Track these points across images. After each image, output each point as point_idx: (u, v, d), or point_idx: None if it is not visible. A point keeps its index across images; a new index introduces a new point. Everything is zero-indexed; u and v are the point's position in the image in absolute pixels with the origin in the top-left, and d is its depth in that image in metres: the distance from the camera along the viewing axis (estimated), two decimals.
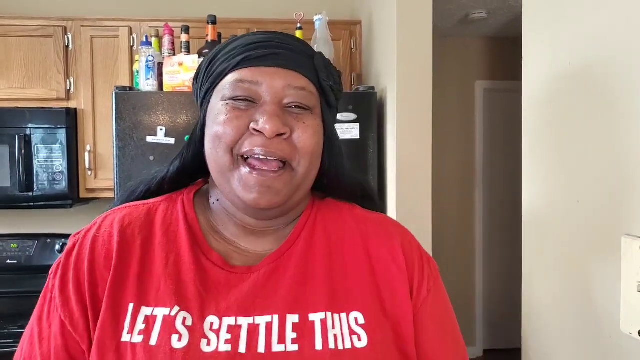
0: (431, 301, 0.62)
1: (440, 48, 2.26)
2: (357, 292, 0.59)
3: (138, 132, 1.73)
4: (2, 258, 2.29)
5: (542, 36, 0.92)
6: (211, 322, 0.54)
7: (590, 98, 0.78)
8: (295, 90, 0.57)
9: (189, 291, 0.56)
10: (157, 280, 0.56)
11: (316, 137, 0.59)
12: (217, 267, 0.58)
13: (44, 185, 2.07)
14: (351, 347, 0.55)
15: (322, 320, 0.56)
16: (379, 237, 0.63)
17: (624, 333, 0.70)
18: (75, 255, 0.58)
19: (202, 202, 0.65)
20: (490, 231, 3.47)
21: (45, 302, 0.57)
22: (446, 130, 3.26)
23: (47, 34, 2.11)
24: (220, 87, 0.59)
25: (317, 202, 0.66)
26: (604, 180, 0.75)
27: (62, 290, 0.56)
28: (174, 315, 0.54)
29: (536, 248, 0.95)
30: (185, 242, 0.59)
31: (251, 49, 0.58)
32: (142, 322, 0.54)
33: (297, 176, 0.58)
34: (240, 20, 2.19)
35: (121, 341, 0.53)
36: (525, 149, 0.98)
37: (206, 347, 0.53)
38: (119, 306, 0.55)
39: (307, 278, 0.59)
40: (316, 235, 0.62)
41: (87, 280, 0.56)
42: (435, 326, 0.62)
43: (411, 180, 1.74)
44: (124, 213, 0.62)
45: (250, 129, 0.56)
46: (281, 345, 0.53)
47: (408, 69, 1.75)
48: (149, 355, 0.51)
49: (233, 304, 0.56)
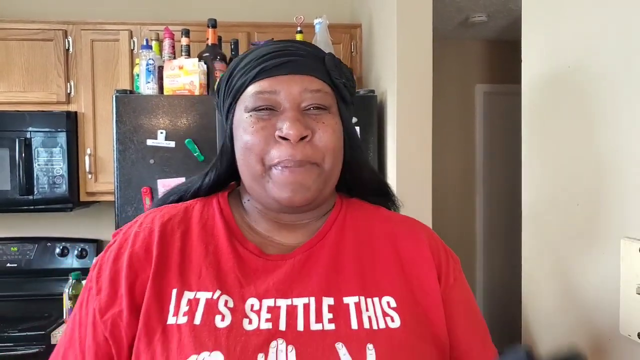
0: (458, 288, 0.66)
1: (440, 51, 2.27)
2: (387, 280, 0.62)
3: (138, 136, 1.74)
4: (2, 261, 2.29)
5: (541, 38, 0.92)
6: (251, 303, 0.58)
7: (590, 100, 0.78)
8: (311, 93, 0.61)
9: (228, 277, 0.60)
10: (197, 267, 0.60)
11: (336, 134, 0.63)
12: (254, 255, 0.62)
13: (44, 189, 2.07)
14: (385, 327, 0.58)
15: (356, 303, 0.59)
16: (405, 233, 0.68)
17: (623, 335, 0.70)
18: (115, 250, 0.62)
19: (235, 201, 0.69)
20: (490, 234, 3.47)
21: (85, 292, 0.61)
22: (446, 133, 3.26)
23: (47, 37, 2.12)
24: (242, 100, 0.63)
25: (345, 201, 0.71)
26: (603, 182, 0.75)
27: (97, 281, 0.60)
28: (215, 298, 0.58)
29: (536, 250, 0.95)
30: (222, 234, 0.64)
31: (266, 59, 0.62)
32: (185, 305, 0.57)
33: (324, 172, 0.62)
34: (241, 24, 2.19)
35: (167, 324, 0.56)
36: (525, 151, 0.98)
37: (248, 325, 0.56)
38: (163, 293, 0.58)
39: (339, 266, 0.62)
40: (346, 228, 0.67)
41: (125, 273, 0.59)
42: (464, 312, 0.66)
43: (411, 182, 1.74)
44: (164, 211, 0.67)
45: (276, 136, 0.60)
46: (319, 324, 0.57)
47: (408, 72, 1.75)
48: (194, 334, 0.55)
49: (271, 287, 0.59)
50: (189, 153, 1.74)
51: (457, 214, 3.40)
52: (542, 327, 0.92)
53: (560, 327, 0.86)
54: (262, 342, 0.55)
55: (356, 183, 0.72)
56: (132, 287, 0.59)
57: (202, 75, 1.80)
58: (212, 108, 1.76)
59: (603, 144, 0.75)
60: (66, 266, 2.29)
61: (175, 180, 1.73)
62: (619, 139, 0.71)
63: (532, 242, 0.96)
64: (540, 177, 0.94)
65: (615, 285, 0.71)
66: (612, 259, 0.72)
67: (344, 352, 0.55)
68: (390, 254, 0.65)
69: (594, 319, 0.77)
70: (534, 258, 0.96)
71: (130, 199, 1.73)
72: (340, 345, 0.55)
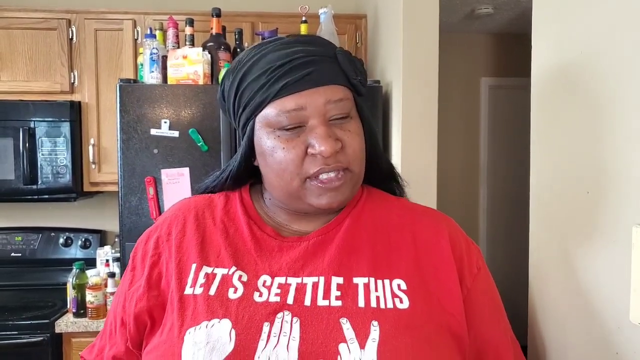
0: (482, 277, 0.68)
1: (445, 44, 2.24)
2: (400, 264, 0.63)
3: (142, 125, 1.73)
4: (7, 251, 2.30)
5: (552, 29, 0.91)
6: (264, 280, 0.62)
7: (600, 89, 0.77)
8: (335, 103, 0.62)
9: (245, 256, 0.64)
10: (217, 247, 0.65)
11: (360, 138, 0.65)
12: (271, 237, 0.66)
13: (48, 179, 2.07)
14: (393, 307, 0.59)
15: (365, 283, 0.61)
16: (426, 222, 0.69)
17: (633, 324, 0.69)
18: (148, 233, 0.71)
19: (256, 195, 0.73)
20: (493, 227, 3.46)
21: (127, 266, 0.70)
22: (451, 126, 3.24)
23: (51, 26, 2.11)
24: (264, 117, 0.62)
25: (367, 189, 0.73)
26: (613, 170, 0.74)
27: (133, 259, 0.69)
28: (231, 273, 0.62)
29: (544, 240, 0.94)
30: (243, 220, 0.68)
31: (284, 72, 0.60)
32: (202, 277, 0.62)
33: (355, 176, 0.65)
34: (245, 14, 2.18)
35: (184, 294, 0.61)
36: (533, 141, 0.97)
37: (258, 297, 0.60)
38: (183, 267, 0.64)
39: (352, 249, 0.64)
40: (364, 215, 0.68)
41: (150, 254, 0.67)
42: (488, 302, 0.68)
43: (416, 174, 1.73)
44: (192, 200, 0.73)
45: (309, 153, 0.61)
46: (325, 300, 0.59)
47: (414, 64, 1.73)
48: (207, 303, 0.59)
49: (284, 266, 0.63)
50: (193, 143, 1.73)
51: (461, 207, 3.39)
52: (550, 317, 0.91)
53: (568, 316, 0.86)
54: (269, 313, 0.58)
55: (373, 171, 0.73)
56: (153, 266, 0.66)
57: (206, 64, 1.79)
58: (216, 98, 1.75)
59: (613, 132, 0.74)
60: (70, 256, 2.29)
61: (179, 170, 1.73)
62: (629, 128, 0.70)
63: (540, 232, 0.96)
64: (548, 166, 0.93)
65: (626, 273, 0.71)
66: (623, 247, 0.71)
67: (347, 326, 0.56)
68: (406, 242, 0.66)
69: (604, 307, 0.76)
70: (542, 247, 0.95)
71: (133, 188, 1.73)
72: (344, 320, 0.57)
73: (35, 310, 1.98)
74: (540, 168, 0.95)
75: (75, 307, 1.91)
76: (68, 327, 1.88)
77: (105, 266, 2.07)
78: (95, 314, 1.89)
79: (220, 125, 1.73)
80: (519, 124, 1.91)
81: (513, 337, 0.71)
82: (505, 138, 3.39)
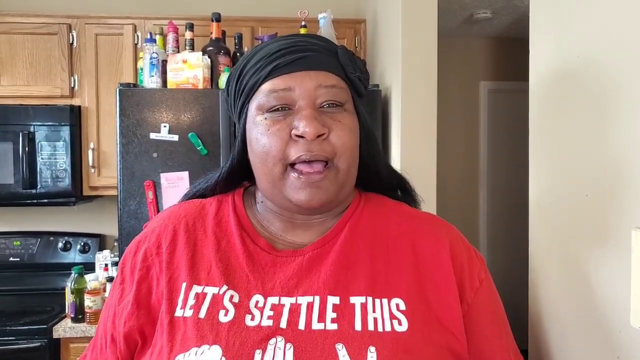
0: (485, 290, 0.65)
1: (444, 48, 2.25)
2: (399, 280, 0.60)
3: (141, 129, 1.73)
4: (5, 255, 2.29)
5: (549, 32, 0.91)
6: (256, 300, 0.58)
7: (599, 92, 0.77)
8: (326, 89, 0.60)
9: (237, 273, 0.61)
10: (208, 262, 0.62)
11: (352, 133, 0.62)
12: (264, 251, 0.63)
13: (47, 183, 2.07)
14: (391, 330, 0.56)
15: (362, 303, 0.58)
16: (425, 232, 0.65)
17: (634, 328, 0.69)
18: (136, 243, 0.66)
19: (249, 201, 0.70)
20: (493, 231, 3.46)
21: (116, 277, 0.67)
22: (450, 131, 3.25)
23: (51, 31, 2.12)
24: (255, 99, 0.62)
25: (365, 196, 0.70)
26: (613, 173, 0.74)
27: (122, 270, 0.66)
28: (222, 293, 0.59)
29: (544, 244, 0.94)
30: (235, 231, 0.64)
31: (278, 56, 0.60)
32: (192, 298, 0.59)
33: (340, 173, 0.61)
34: (245, 19, 2.19)
35: (174, 316, 0.58)
36: (532, 144, 0.97)
37: (250, 321, 0.57)
38: (173, 286, 0.61)
39: (349, 263, 0.61)
40: (361, 225, 0.65)
41: (139, 267, 0.63)
42: (490, 315, 0.64)
43: (415, 178, 1.72)
44: (182, 207, 0.69)
45: (292, 135, 0.58)
46: (321, 323, 0.56)
47: (413, 68, 1.74)
48: (197, 327, 0.56)
49: (277, 285, 0.59)
50: (192, 147, 1.73)
51: (460, 211, 3.38)
52: (551, 320, 0.91)
53: (569, 320, 0.85)
54: (261, 339, 0.55)
55: (372, 180, 0.70)
56: (141, 280, 0.62)
57: (206, 69, 1.79)
58: (215, 102, 1.75)
59: (612, 136, 0.74)
60: (69, 261, 2.29)
61: (178, 174, 1.73)
62: (627, 131, 0.70)
63: (540, 236, 0.95)
64: (547, 170, 0.93)
65: (626, 277, 0.70)
66: (623, 250, 0.71)
67: (343, 353, 0.53)
68: (406, 254, 0.63)
69: (604, 311, 0.76)
70: (542, 251, 0.95)
71: (133, 192, 1.73)
72: (340, 346, 0.54)
73: (33, 315, 1.97)
74: (540, 171, 0.95)
75: (73, 312, 1.90)
76: (66, 332, 1.87)
77: (104, 270, 2.06)
78: (93, 319, 1.88)
79: (219, 130, 1.74)
80: (519, 127, 1.92)
81: (516, 351, 0.68)
82: (504, 142, 3.39)
